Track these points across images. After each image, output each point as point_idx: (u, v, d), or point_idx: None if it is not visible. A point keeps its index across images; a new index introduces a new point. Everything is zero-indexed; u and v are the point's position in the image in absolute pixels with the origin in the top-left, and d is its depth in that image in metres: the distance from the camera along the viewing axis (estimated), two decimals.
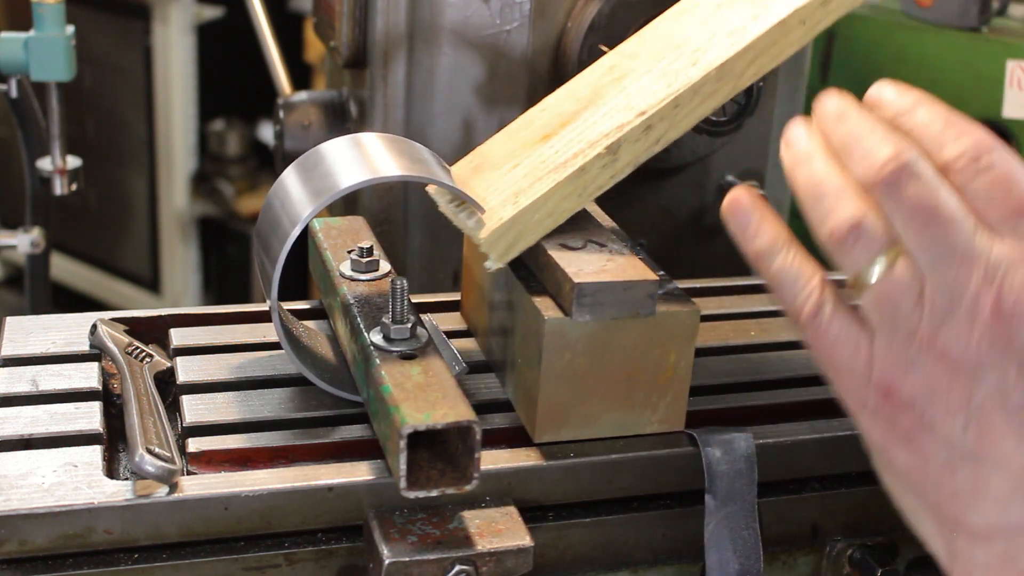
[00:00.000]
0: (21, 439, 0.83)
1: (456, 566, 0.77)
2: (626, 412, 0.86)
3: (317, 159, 0.87)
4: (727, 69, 0.84)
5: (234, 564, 0.79)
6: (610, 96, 0.88)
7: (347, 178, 0.83)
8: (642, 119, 0.84)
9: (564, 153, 0.85)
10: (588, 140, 0.85)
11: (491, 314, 0.93)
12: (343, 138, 0.89)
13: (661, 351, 0.84)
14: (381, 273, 0.95)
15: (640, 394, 0.85)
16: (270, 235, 0.86)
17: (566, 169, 0.84)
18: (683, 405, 0.87)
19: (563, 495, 0.85)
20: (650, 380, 0.85)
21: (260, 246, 0.88)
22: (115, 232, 3.23)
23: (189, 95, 3.02)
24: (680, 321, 0.84)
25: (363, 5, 1.22)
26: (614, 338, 0.83)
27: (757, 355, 1.00)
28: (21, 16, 1.75)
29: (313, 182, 0.85)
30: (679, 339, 0.85)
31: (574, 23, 1.21)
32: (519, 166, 0.87)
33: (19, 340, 0.95)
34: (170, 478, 0.78)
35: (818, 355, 0.68)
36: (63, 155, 1.46)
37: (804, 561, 0.92)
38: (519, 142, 0.90)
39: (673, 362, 0.85)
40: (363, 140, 0.88)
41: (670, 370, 0.85)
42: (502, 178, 0.86)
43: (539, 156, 0.87)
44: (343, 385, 0.89)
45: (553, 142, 0.87)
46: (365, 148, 0.87)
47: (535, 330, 0.83)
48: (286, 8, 3.10)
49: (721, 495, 0.85)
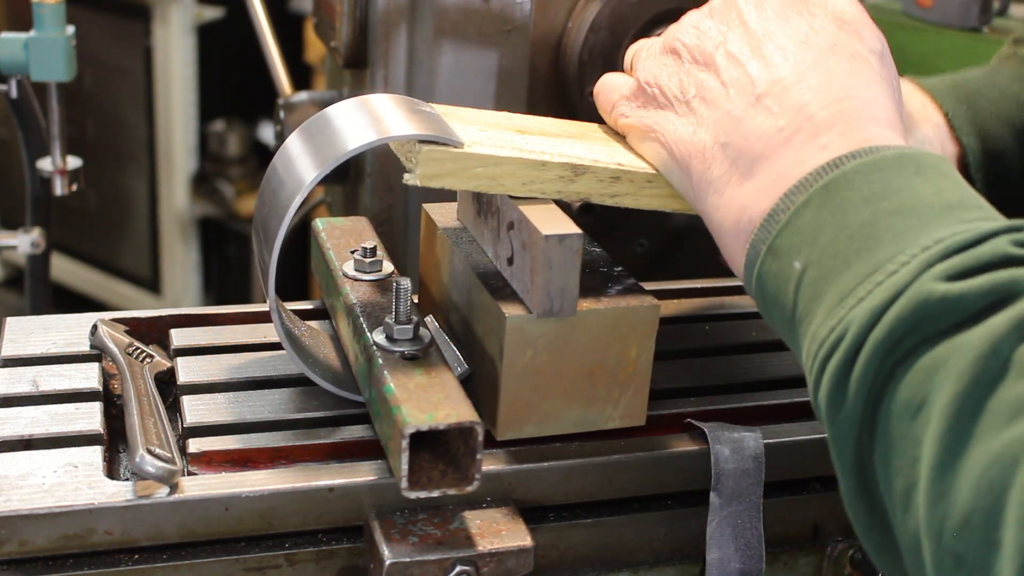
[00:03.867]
0: (21, 439, 0.83)
1: (457, 567, 0.77)
2: (588, 408, 0.86)
3: (322, 124, 0.86)
4: None
5: (235, 565, 0.79)
6: (595, 142, 0.89)
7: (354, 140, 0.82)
8: (616, 167, 0.85)
9: (532, 146, 0.85)
10: (559, 151, 0.85)
11: (451, 314, 0.93)
12: (349, 101, 0.88)
13: (622, 346, 0.85)
14: (384, 273, 0.95)
15: (601, 390, 0.85)
16: (268, 216, 0.84)
17: (529, 155, 0.84)
18: (644, 400, 0.87)
19: (564, 495, 0.85)
20: (611, 375, 0.85)
21: (258, 233, 0.87)
22: (115, 233, 3.23)
23: (189, 96, 3.03)
24: (640, 315, 0.84)
25: (363, 5, 1.22)
26: (575, 334, 0.83)
27: (757, 355, 1.00)
28: (21, 16, 1.75)
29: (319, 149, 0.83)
30: (639, 334, 0.85)
31: (574, 23, 1.21)
32: (486, 131, 0.87)
33: (19, 340, 0.95)
34: (170, 479, 0.78)
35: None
36: (63, 155, 1.46)
37: (805, 561, 0.92)
38: (494, 120, 0.90)
39: (634, 357, 0.85)
40: (371, 101, 0.87)
41: (631, 365, 0.85)
42: (464, 128, 0.86)
43: (508, 137, 0.87)
44: (344, 384, 0.89)
45: (527, 137, 0.87)
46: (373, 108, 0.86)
47: (496, 329, 0.83)
48: (286, 8, 3.10)
49: (726, 493, 0.85)
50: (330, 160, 0.81)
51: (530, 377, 0.83)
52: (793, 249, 0.70)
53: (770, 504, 0.87)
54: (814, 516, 0.91)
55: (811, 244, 0.69)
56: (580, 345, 0.83)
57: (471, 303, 0.88)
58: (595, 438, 0.87)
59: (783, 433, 0.89)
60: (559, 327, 0.82)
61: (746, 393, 0.95)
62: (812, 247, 0.69)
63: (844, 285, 0.66)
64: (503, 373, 0.83)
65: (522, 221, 0.83)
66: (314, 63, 2.95)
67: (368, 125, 0.83)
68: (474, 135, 0.85)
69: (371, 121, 0.83)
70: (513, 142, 0.86)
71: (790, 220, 0.71)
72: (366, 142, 0.81)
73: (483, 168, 0.83)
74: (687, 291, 1.10)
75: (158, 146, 3.06)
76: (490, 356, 0.84)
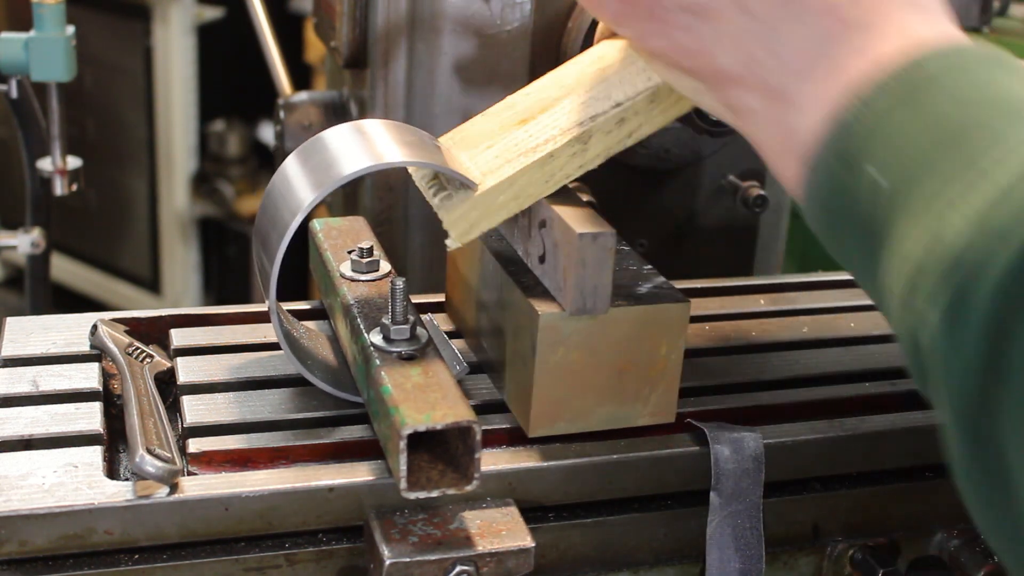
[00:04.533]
0: (21, 440, 0.83)
1: (457, 567, 0.77)
2: (618, 405, 0.86)
3: (319, 147, 0.87)
4: None
5: (234, 565, 0.79)
6: (592, 85, 0.88)
7: (350, 165, 0.83)
8: (616, 111, 0.84)
9: (536, 138, 0.85)
10: (561, 127, 0.85)
11: (480, 313, 0.93)
12: (345, 125, 0.88)
13: (652, 344, 0.85)
14: (381, 273, 0.95)
15: (632, 387, 0.86)
16: (269, 230, 0.86)
17: (535, 154, 0.84)
18: (674, 397, 0.88)
19: (564, 495, 0.85)
20: (641, 373, 0.86)
21: (259, 242, 0.88)
22: (115, 233, 3.23)
23: (189, 96, 3.02)
24: (671, 314, 0.85)
25: (363, 5, 1.22)
26: (606, 332, 0.83)
27: (757, 355, 1.00)
28: (21, 16, 1.75)
29: (315, 171, 0.84)
30: (670, 332, 0.85)
31: (574, 23, 1.21)
32: (492, 147, 0.87)
33: (19, 340, 0.95)
34: (170, 479, 0.78)
35: None
36: (63, 155, 1.46)
37: (805, 562, 0.92)
38: (497, 123, 0.90)
39: (664, 355, 0.86)
40: (365, 126, 0.88)
41: (661, 363, 0.86)
42: (475, 157, 0.86)
43: (513, 139, 0.87)
44: (343, 386, 0.89)
45: (529, 127, 0.87)
46: (368, 134, 0.86)
47: (528, 326, 0.83)
48: (286, 8, 3.10)
49: (727, 493, 0.85)
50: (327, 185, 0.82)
51: (562, 374, 0.83)
52: (868, 155, 0.61)
53: (770, 504, 0.87)
54: (814, 516, 0.91)
55: (891, 148, 0.60)
56: (611, 343, 0.84)
57: (502, 301, 0.88)
58: (595, 438, 0.87)
59: (783, 433, 0.89)
60: (591, 325, 0.83)
61: (746, 393, 0.95)
62: (892, 151, 0.60)
63: (934, 188, 0.56)
64: (536, 370, 0.83)
65: (554, 219, 0.83)
66: (314, 63, 2.95)
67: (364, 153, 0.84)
68: (485, 160, 0.85)
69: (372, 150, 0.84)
70: (518, 143, 0.86)
71: (868, 124, 0.62)
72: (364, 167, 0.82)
73: (503, 196, 0.83)
74: (687, 291, 1.10)
75: (158, 146, 3.06)
76: (522, 354, 0.84)
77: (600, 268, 0.81)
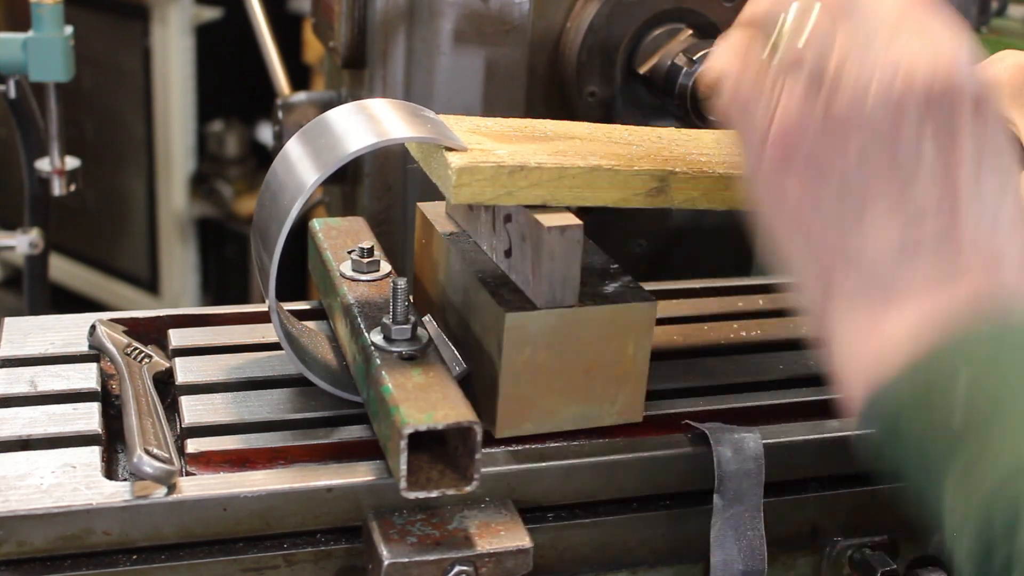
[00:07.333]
0: (19, 440, 0.83)
1: (456, 567, 0.77)
2: (585, 405, 0.86)
3: (322, 127, 0.86)
4: None
5: (233, 565, 0.79)
6: (649, 144, 0.89)
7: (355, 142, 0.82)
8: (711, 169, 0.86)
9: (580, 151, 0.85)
10: (631, 155, 0.85)
11: (447, 314, 0.93)
12: (348, 105, 0.88)
13: (619, 344, 0.85)
14: (382, 273, 0.95)
15: (599, 387, 0.86)
16: (268, 221, 0.85)
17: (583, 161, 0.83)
18: (641, 396, 0.88)
19: (563, 496, 0.85)
20: (608, 372, 0.86)
21: (258, 237, 0.87)
22: (114, 233, 3.22)
23: (188, 96, 3.02)
24: (637, 313, 0.85)
25: (361, 6, 1.22)
26: (573, 332, 0.83)
27: (757, 355, 1.00)
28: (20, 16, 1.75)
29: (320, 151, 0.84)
30: (636, 331, 0.85)
31: (573, 23, 1.21)
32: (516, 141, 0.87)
33: (17, 341, 0.95)
34: (168, 479, 0.78)
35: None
36: (62, 156, 1.46)
37: (804, 562, 0.91)
38: (514, 128, 0.90)
39: (631, 354, 0.86)
40: (369, 105, 0.87)
41: (628, 362, 0.86)
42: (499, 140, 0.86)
43: (538, 146, 0.86)
44: (343, 385, 0.89)
45: (556, 143, 0.87)
46: (372, 112, 0.86)
47: (494, 326, 0.83)
48: (285, 9, 3.10)
49: (729, 495, 0.85)
50: (332, 163, 0.81)
51: (528, 374, 0.83)
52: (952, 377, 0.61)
53: (769, 504, 0.87)
54: (813, 516, 0.91)
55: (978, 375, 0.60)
56: (578, 342, 0.84)
57: (468, 302, 0.88)
58: (595, 437, 0.87)
59: (782, 433, 0.89)
60: (557, 325, 0.82)
61: (745, 393, 0.95)
62: None
63: None
64: (502, 370, 0.83)
65: (520, 213, 0.83)
66: (313, 63, 2.94)
67: (369, 130, 0.83)
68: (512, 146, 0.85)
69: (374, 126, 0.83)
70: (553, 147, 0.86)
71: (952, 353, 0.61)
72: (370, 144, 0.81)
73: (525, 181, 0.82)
74: (687, 291, 1.10)
75: (156, 146, 3.06)
76: (488, 354, 0.84)
77: (569, 260, 0.81)
